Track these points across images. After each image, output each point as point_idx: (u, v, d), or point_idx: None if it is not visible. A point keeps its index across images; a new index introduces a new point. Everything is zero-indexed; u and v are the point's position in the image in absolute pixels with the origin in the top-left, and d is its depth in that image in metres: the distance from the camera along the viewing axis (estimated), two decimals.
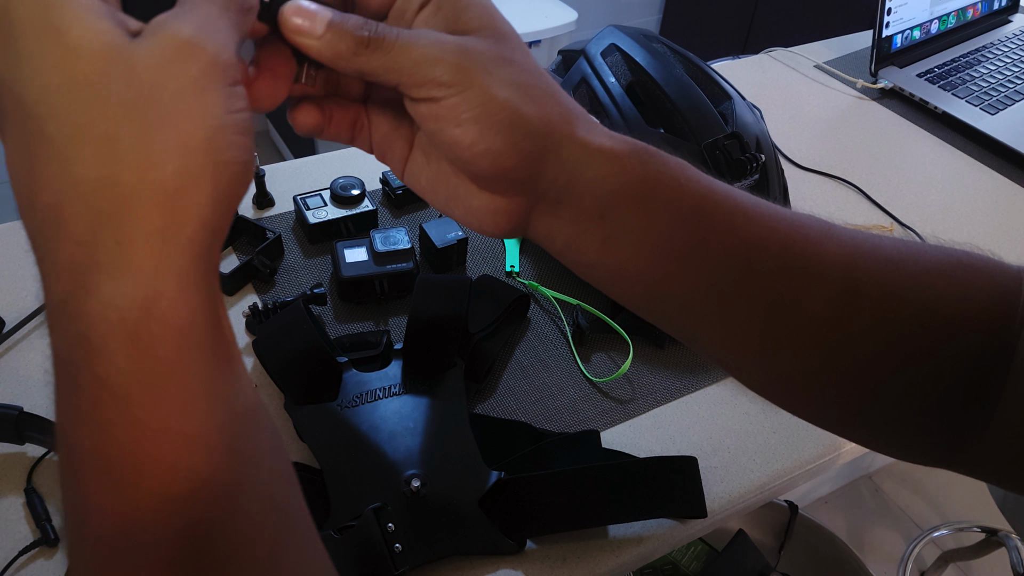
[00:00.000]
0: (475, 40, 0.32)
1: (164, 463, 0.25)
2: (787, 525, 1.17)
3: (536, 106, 0.32)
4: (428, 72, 0.30)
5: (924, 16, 1.19)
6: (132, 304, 0.24)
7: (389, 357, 0.64)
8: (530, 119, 0.32)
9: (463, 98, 0.31)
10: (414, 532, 0.53)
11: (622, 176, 0.33)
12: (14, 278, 0.73)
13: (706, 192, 0.35)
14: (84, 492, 0.25)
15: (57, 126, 0.24)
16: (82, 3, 0.24)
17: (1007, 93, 1.13)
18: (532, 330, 0.73)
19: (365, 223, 0.79)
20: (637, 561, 0.57)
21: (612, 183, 0.33)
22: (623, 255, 0.35)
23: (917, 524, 1.64)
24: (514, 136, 0.31)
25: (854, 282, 0.35)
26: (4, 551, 0.53)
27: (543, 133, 0.32)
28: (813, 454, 0.64)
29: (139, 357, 0.24)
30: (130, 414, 0.24)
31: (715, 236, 0.34)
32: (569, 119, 0.33)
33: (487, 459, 0.57)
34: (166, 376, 0.25)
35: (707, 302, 0.35)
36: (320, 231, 0.77)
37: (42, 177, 0.24)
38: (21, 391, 0.63)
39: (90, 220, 0.24)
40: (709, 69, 0.73)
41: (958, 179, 1.00)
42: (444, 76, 0.30)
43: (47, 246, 0.25)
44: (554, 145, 0.33)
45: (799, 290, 0.34)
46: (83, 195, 0.24)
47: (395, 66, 0.31)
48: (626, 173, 0.34)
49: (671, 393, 0.68)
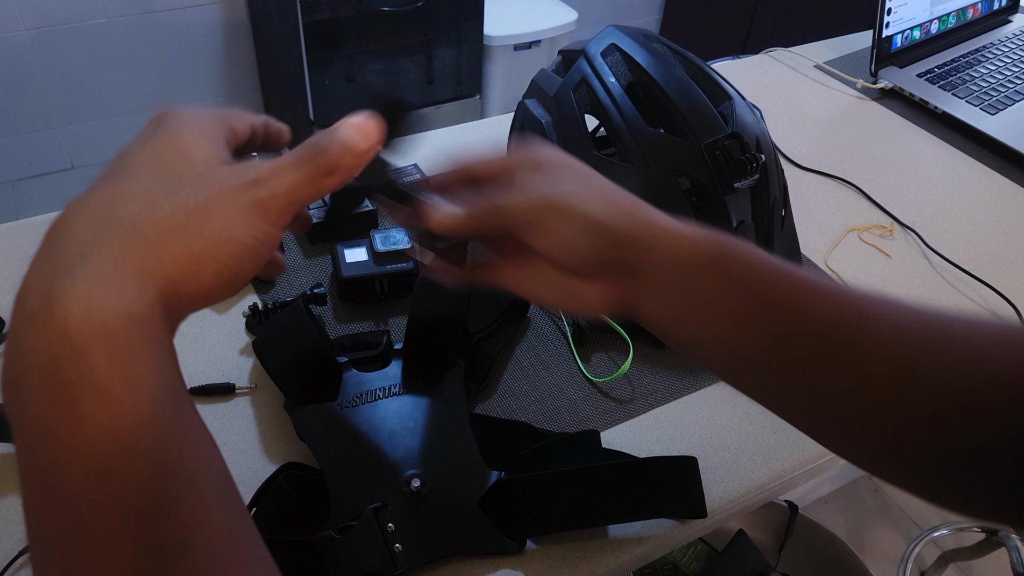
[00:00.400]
0: (554, 184, 0.43)
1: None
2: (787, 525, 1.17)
3: (614, 211, 0.42)
4: (530, 212, 0.41)
5: (924, 16, 1.19)
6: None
7: (389, 357, 0.64)
8: (610, 221, 0.41)
9: (562, 221, 0.41)
10: (414, 532, 0.53)
11: (697, 252, 0.41)
12: (14, 278, 0.73)
13: (773, 269, 0.40)
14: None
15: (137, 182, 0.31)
16: (205, 137, 0.34)
17: (1007, 93, 1.13)
18: (532, 330, 0.73)
19: (365, 223, 0.79)
20: (637, 561, 0.57)
21: (693, 260, 0.40)
22: (710, 325, 0.40)
23: (917, 524, 1.64)
24: (606, 236, 0.41)
25: (911, 349, 0.37)
26: (4, 551, 0.53)
27: (625, 227, 0.41)
28: (813, 454, 0.64)
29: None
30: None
31: (785, 308, 0.39)
32: (644, 216, 0.42)
33: (487, 459, 0.57)
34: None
35: (776, 367, 0.39)
36: (320, 231, 0.77)
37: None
38: None
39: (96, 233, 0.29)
40: (709, 69, 0.73)
41: (958, 179, 1.00)
42: (541, 219, 0.41)
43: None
44: (638, 232, 0.41)
45: (859, 356, 0.37)
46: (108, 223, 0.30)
47: (509, 221, 0.42)
48: (699, 249, 0.41)
49: (671, 393, 0.68)
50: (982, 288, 0.82)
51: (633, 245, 0.41)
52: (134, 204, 0.30)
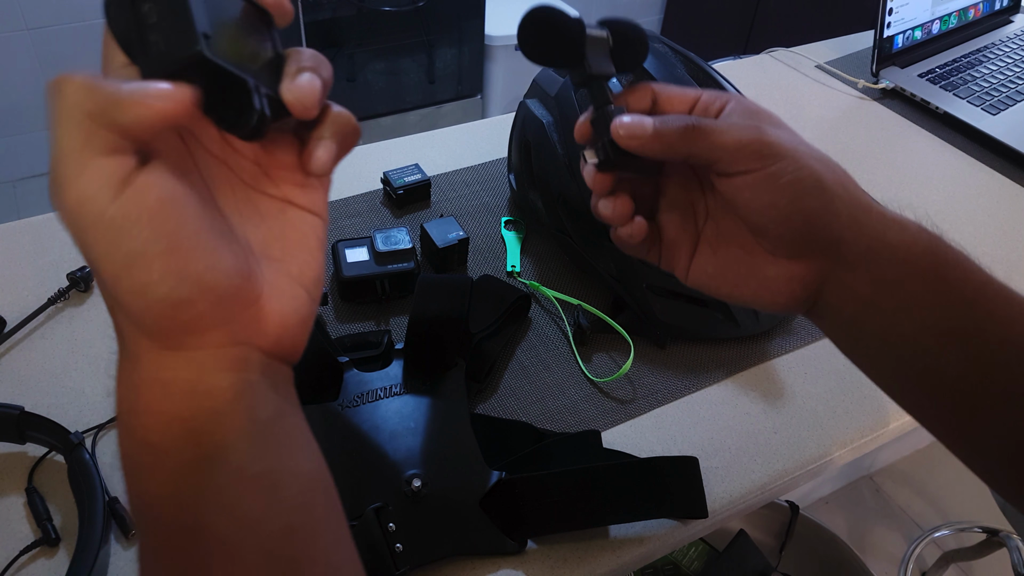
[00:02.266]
0: (771, 127, 0.38)
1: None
2: (788, 525, 1.17)
3: (833, 175, 0.37)
4: (747, 148, 0.37)
5: (925, 16, 1.19)
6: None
7: (390, 357, 0.64)
8: (830, 184, 0.37)
9: (780, 166, 0.36)
10: (415, 532, 0.53)
11: (915, 246, 0.37)
12: (14, 278, 0.73)
13: (986, 279, 0.36)
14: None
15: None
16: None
17: (1008, 93, 1.12)
18: (533, 330, 0.73)
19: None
20: (638, 561, 0.57)
21: (907, 252, 0.36)
22: (908, 328, 0.36)
23: (918, 524, 1.64)
24: (822, 197, 0.36)
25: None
26: (5, 551, 0.53)
27: (843, 197, 0.37)
28: (814, 454, 0.64)
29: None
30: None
31: (994, 321, 0.36)
32: (857, 190, 0.38)
33: (488, 459, 0.57)
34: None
35: (982, 394, 0.36)
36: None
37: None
38: (22, 391, 0.63)
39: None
40: (710, 69, 0.73)
41: (959, 179, 1.00)
42: (763, 149, 0.37)
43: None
44: (853, 209, 0.37)
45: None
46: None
47: (717, 145, 0.37)
48: (918, 244, 0.37)
49: (672, 393, 0.68)
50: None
51: (844, 218, 0.37)
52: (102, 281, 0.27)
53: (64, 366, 0.65)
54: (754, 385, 0.69)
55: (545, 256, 0.80)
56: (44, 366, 0.65)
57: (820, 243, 0.37)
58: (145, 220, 0.25)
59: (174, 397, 0.27)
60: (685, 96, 0.41)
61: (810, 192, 0.36)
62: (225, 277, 0.27)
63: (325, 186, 0.33)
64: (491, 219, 0.84)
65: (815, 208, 0.36)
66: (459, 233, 0.75)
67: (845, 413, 0.67)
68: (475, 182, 0.89)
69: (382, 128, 2.23)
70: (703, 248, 0.42)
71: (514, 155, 0.81)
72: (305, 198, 0.32)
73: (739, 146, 0.37)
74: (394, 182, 0.83)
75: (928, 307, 0.36)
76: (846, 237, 0.37)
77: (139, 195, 0.25)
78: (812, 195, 0.36)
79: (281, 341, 0.30)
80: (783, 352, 0.72)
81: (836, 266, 0.37)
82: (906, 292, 0.36)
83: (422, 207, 0.85)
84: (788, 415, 0.67)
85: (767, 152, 0.37)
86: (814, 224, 0.37)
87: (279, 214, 0.32)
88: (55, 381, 0.64)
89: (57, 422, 0.58)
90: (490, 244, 0.81)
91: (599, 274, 0.73)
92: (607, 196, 0.41)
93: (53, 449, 0.59)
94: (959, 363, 0.35)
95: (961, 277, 0.36)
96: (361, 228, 0.81)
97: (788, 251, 0.38)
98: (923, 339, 0.36)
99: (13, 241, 0.77)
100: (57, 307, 0.70)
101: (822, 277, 0.38)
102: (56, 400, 0.62)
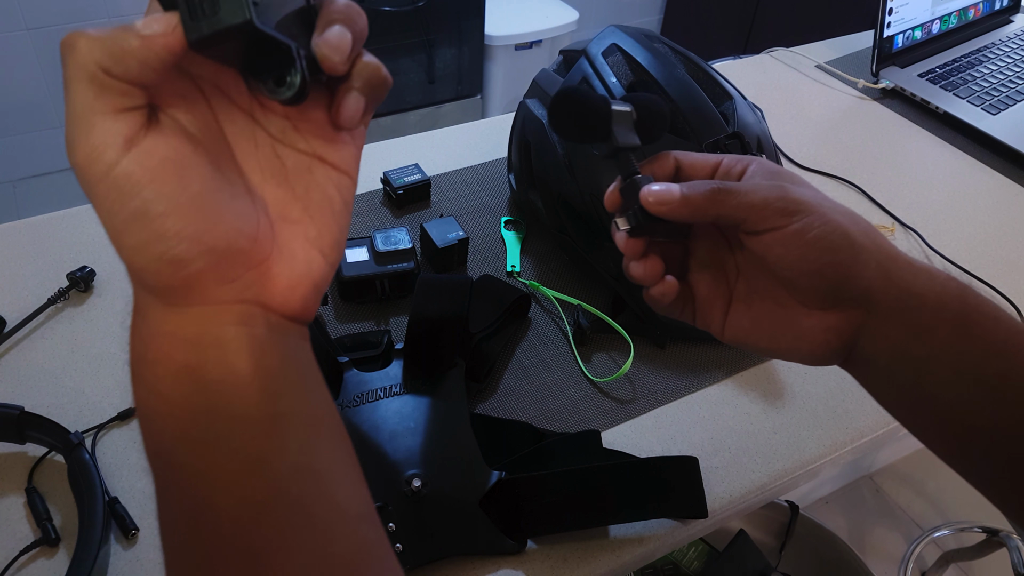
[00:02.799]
0: (793, 186, 0.39)
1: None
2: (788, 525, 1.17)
3: (858, 227, 0.38)
4: (773, 205, 0.38)
5: (925, 16, 1.19)
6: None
7: (390, 357, 0.64)
8: (857, 236, 0.38)
9: (807, 221, 0.38)
10: (415, 532, 0.53)
11: (944, 294, 0.37)
12: (14, 278, 0.73)
13: (1017, 328, 0.37)
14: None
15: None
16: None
17: (1008, 93, 1.12)
18: (533, 330, 0.73)
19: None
20: (638, 561, 0.57)
21: (936, 300, 0.37)
22: (941, 376, 0.37)
23: (918, 524, 1.64)
24: (851, 249, 0.37)
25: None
26: (5, 551, 0.53)
27: (871, 248, 0.38)
28: (814, 454, 0.64)
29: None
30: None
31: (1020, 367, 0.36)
32: (883, 241, 0.39)
33: (488, 459, 0.57)
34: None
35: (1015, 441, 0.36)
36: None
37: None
38: (22, 391, 0.63)
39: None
40: (710, 69, 0.73)
41: (959, 179, 1.00)
42: (788, 206, 0.38)
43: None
44: (881, 259, 0.38)
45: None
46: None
47: (744, 204, 0.38)
48: (947, 292, 0.37)
49: (672, 393, 0.68)
50: (983, 288, 0.82)
51: (874, 268, 0.38)
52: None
53: (64, 366, 0.65)
54: (754, 385, 0.69)
55: (545, 256, 0.80)
56: (44, 366, 0.65)
57: (851, 293, 0.38)
58: (147, 181, 0.26)
59: (181, 348, 0.28)
60: (707, 162, 0.43)
61: (838, 245, 0.37)
62: (226, 239, 0.28)
63: (358, 142, 0.33)
64: (491, 219, 0.84)
65: (844, 260, 0.37)
66: (459, 233, 0.75)
67: (845, 413, 0.67)
68: (475, 182, 0.89)
69: (382, 128, 2.23)
70: (737, 304, 0.43)
71: (514, 155, 0.81)
72: (335, 154, 0.32)
73: (765, 204, 0.38)
74: (394, 182, 0.83)
75: (958, 354, 0.36)
76: (876, 287, 0.38)
77: (144, 156, 0.26)
78: (841, 248, 0.37)
79: (289, 302, 0.31)
80: None
81: (869, 316, 0.38)
82: (937, 340, 0.36)
83: (422, 207, 0.85)
84: (788, 415, 0.67)
85: (793, 208, 0.38)
86: (844, 275, 0.38)
87: (306, 171, 0.32)
88: (55, 381, 0.64)
89: (57, 422, 0.58)
90: (490, 244, 0.81)
91: (599, 274, 0.73)
92: (638, 259, 0.43)
93: (53, 449, 0.59)
94: (991, 409, 0.36)
95: (990, 326, 0.36)
96: (361, 228, 0.81)
97: (821, 303, 0.39)
98: (954, 386, 0.36)
99: (13, 241, 0.77)
100: (57, 307, 0.70)
101: (856, 328, 0.39)
102: (56, 400, 0.62)
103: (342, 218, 0.32)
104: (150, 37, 0.25)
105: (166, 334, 0.28)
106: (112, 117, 0.26)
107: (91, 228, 0.78)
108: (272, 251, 0.30)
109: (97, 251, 0.76)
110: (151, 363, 0.29)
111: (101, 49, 0.25)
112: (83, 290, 0.72)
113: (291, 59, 0.28)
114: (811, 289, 0.39)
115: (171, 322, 0.28)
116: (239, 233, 0.28)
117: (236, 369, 0.28)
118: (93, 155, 0.26)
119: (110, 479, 0.57)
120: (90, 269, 0.72)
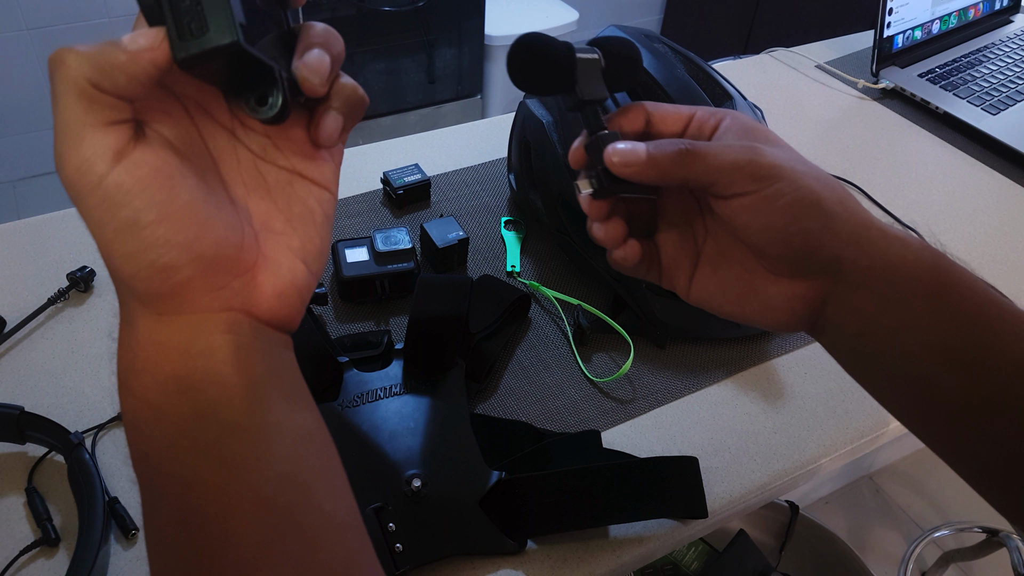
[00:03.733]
0: (767, 147, 0.38)
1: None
2: (788, 525, 1.17)
3: (831, 193, 0.37)
4: (742, 170, 0.36)
5: (925, 16, 1.19)
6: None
7: (390, 357, 0.64)
8: (829, 203, 0.36)
9: (777, 188, 0.36)
10: (415, 532, 0.53)
11: (918, 264, 0.36)
12: (14, 278, 0.73)
13: (990, 297, 0.35)
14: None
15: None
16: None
17: (1008, 93, 1.12)
18: (533, 330, 0.73)
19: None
20: (638, 561, 0.57)
21: (909, 269, 0.36)
22: (910, 347, 0.35)
23: (918, 524, 1.64)
24: (821, 217, 0.36)
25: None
26: (5, 551, 0.53)
27: (843, 216, 0.36)
28: (814, 454, 0.64)
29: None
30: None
31: (996, 340, 0.35)
32: (858, 208, 0.37)
33: (488, 459, 0.57)
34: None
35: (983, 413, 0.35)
36: None
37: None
38: (22, 391, 0.63)
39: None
40: (710, 69, 0.73)
41: (959, 179, 1.00)
42: (759, 171, 0.36)
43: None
44: (852, 223, 0.36)
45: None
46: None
47: (712, 168, 0.37)
48: (921, 261, 0.36)
49: (672, 393, 0.68)
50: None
51: (845, 237, 0.36)
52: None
53: (64, 366, 0.65)
54: (754, 385, 0.69)
55: (545, 256, 0.80)
56: (44, 366, 0.65)
57: (820, 262, 0.37)
58: (137, 190, 0.27)
59: (169, 357, 0.29)
60: (679, 115, 0.41)
61: (808, 212, 0.36)
62: (214, 247, 0.29)
63: (336, 159, 0.34)
64: (491, 219, 0.84)
65: (814, 228, 0.36)
66: (459, 233, 0.75)
67: (845, 413, 0.67)
68: (475, 182, 0.89)
69: (382, 128, 2.23)
70: (703, 267, 0.42)
71: (514, 155, 0.81)
72: (315, 171, 0.33)
73: (734, 168, 0.36)
74: (394, 182, 0.83)
75: (930, 325, 0.35)
76: (847, 255, 0.36)
77: (134, 166, 0.27)
78: (810, 215, 0.36)
79: (275, 311, 0.31)
80: (783, 352, 0.72)
81: (837, 284, 0.37)
82: (909, 310, 0.35)
83: (422, 207, 0.85)
84: (788, 415, 0.67)
85: (763, 174, 0.36)
86: (813, 244, 0.36)
87: (287, 186, 0.32)
88: (55, 381, 0.64)
89: (57, 422, 0.58)
90: (490, 244, 0.81)
91: (599, 274, 0.73)
92: (602, 221, 0.41)
93: (53, 449, 0.59)
94: (960, 382, 0.35)
95: (964, 295, 0.35)
96: (361, 228, 0.81)
97: (788, 271, 0.38)
98: (925, 357, 0.35)
99: (13, 241, 0.77)
100: (57, 307, 0.70)
101: (823, 296, 0.38)
102: (56, 400, 0.62)
103: (323, 230, 0.33)
104: (137, 52, 0.26)
105: (155, 343, 0.29)
106: (101, 130, 0.26)
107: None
108: (257, 260, 0.31)
109: (97, 251, 0.75)
110: (139, 372, 0.29)
111: (90, 64, 0.25)
112: (83, 290, 0.72)
113: (273, 80, 0.29)
114: (778, 256, 0.38)
115: (160, 331, 0.29)
116: (226, 241, 0.29)
117: (224, 377, 0.29)
118: (83, 167, 0.26)
119: (110, 479, 0.57)
120: (90, 269, 0.72)
